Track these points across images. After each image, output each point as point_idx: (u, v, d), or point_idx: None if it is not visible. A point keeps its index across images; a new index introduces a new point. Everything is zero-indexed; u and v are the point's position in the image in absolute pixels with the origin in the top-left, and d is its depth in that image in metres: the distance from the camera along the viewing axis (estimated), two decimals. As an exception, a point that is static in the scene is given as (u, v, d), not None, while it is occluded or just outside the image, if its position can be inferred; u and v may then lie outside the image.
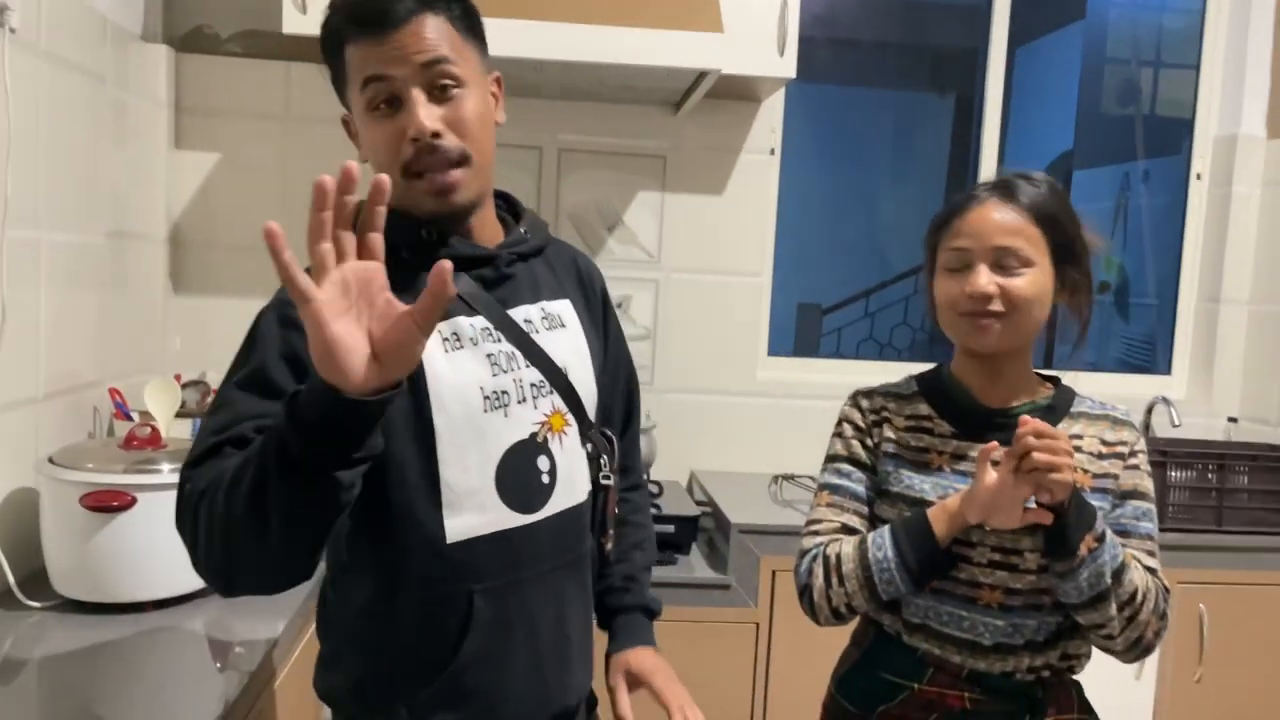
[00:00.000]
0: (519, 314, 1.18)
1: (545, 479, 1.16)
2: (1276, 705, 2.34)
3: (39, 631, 1.53)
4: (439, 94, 1.09)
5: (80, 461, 1.62)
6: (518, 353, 1.15)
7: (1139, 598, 1.20)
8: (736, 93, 2.50)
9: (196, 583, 1.67)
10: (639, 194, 2.59)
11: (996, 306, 1.24)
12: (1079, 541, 1.16)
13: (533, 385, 1.16)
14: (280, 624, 1.62)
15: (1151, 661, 2.31)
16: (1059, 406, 1.33)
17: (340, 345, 0.82)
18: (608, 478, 1.25)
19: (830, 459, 1.40)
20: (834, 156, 3.25)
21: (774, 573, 2.11)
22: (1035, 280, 1.25)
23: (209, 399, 2.28)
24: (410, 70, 1.07)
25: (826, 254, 2.91)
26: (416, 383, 1.08)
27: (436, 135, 1.08)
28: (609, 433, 1.28)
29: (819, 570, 1.29)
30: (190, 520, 0.98)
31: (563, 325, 1.23)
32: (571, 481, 1.20)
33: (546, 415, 1.17)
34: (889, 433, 1.36)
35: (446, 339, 1.12)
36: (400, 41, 1.07)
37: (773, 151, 2.69)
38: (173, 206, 2.45)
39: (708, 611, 2.10)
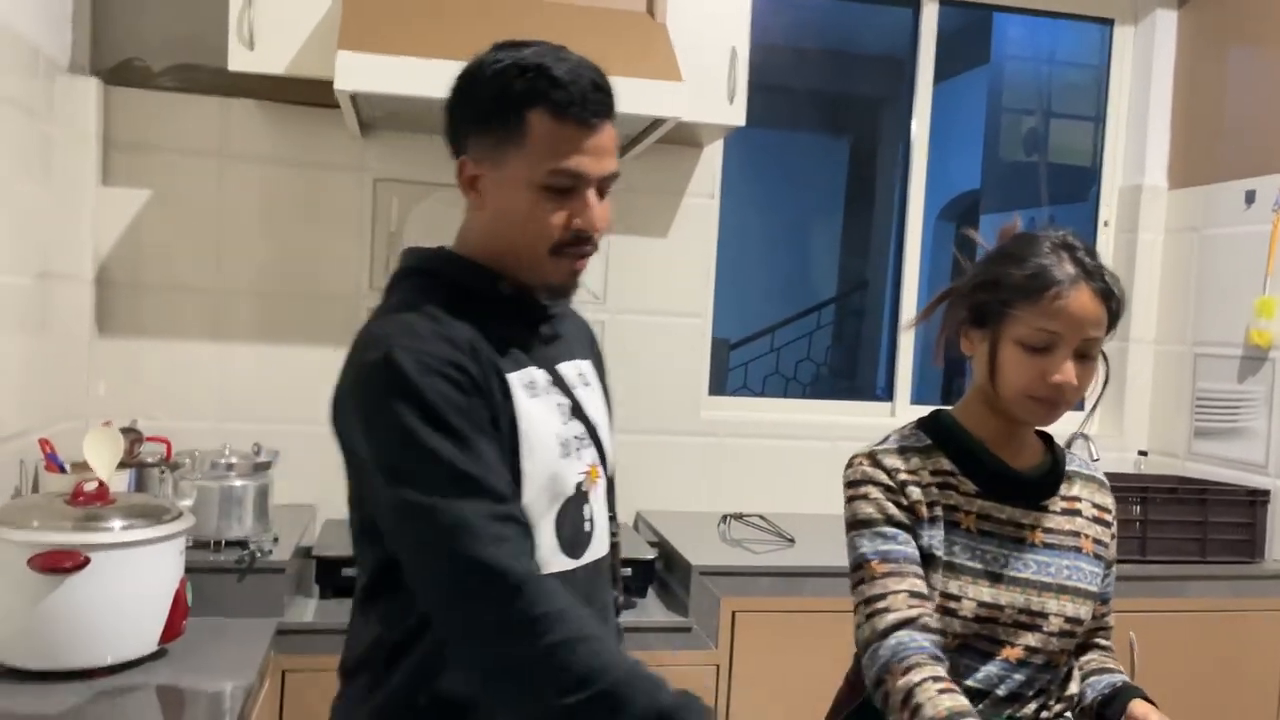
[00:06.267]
0: (563, 369, 1.23)
1: (587, 526, 1.21)
2: (1201, 725, 2.45)
3: (-18, 705, 1.42)
4: (599, 195, 1.16)
5: (24, 519, 1.52)
6: (570, 405, 1.21)
7: None
8: (682, 139, 2.54)
9: (149, 646, 1.59)
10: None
11: (1070, 394, 1.24)
12: None
13: (576, 437, 1.21)
14: (238, 687, 1.55)
15: (1086, 689, 2.40)
16: (1060, 467, 1.36)
17: None
18: (615, 534, 1.31)
19: (862, 524, 1.28)
20: (744, 198, 3.32)
21: (734, 614, 2.12)
22: (1098, 363, 1.26)
23: (140, 447, 2.17)
24: (598, 174, 1.14)
25: (732, 289, 2.96)
26: (511, 427, 1.12)
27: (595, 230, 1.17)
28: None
29: (900, 692, 1.17)
30: (487, 608, 1.02)
31: (588, 384, 1.28)
32: (602, 531, 1.25)
33: (589, 466, 1.22)
34: (921, 493, 1.28)
35: (527, 386, 1.16)
36: (595, 143, 1.13)
37: (713, 196, 2.74)
38: (100, 245, 2.34)
39: (666, 655, 2.09)
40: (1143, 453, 3.04)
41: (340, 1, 2.08)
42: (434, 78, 1.97)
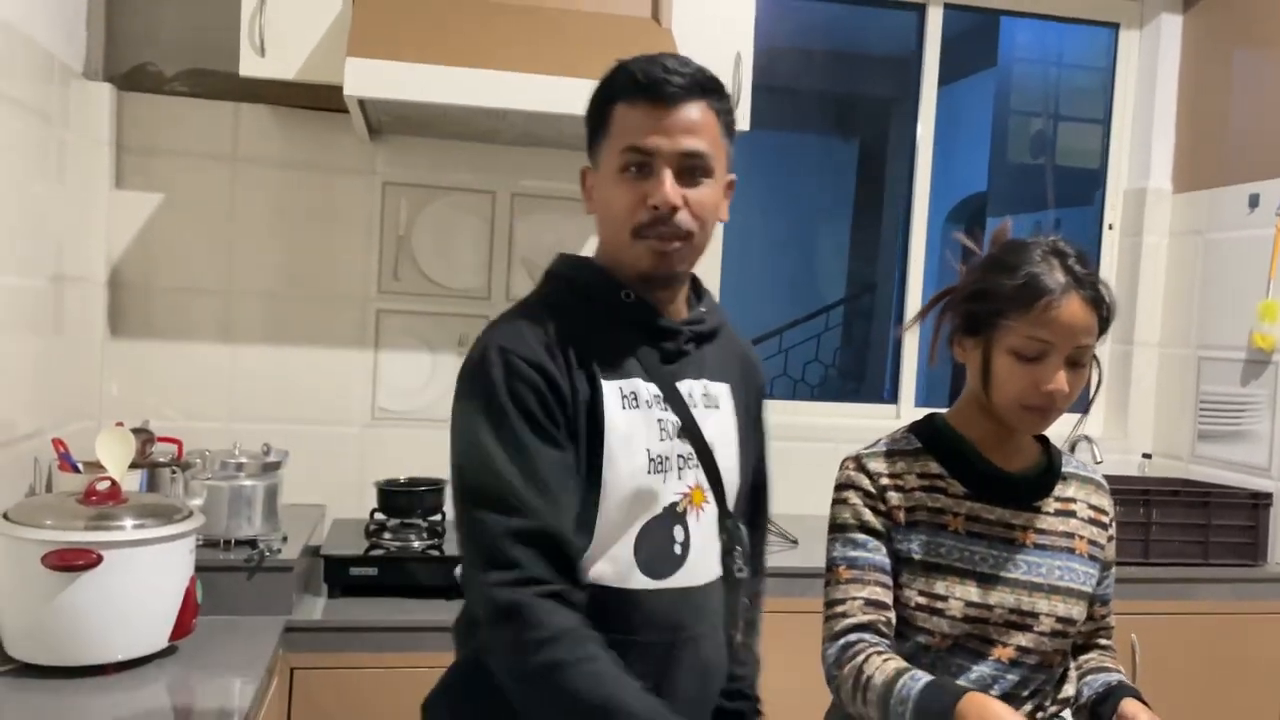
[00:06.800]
0: (683, 387, 1.22)
1: (678, 549, 1.19)
2: (1203, 728, 2.46)
3: (-4, 699, 1.45)
4: (687, 177, 1.16)
5: (38, 518, 1.55)
6: (679, 423, 1.20)
7: None
8: (687, 142, 2.56)
9: (159, 643, 1.62)
10: (591, 239, 2.61)
11: (1062, 402, 1.25)
12: None
13: (680, 456, 1.20)
14: (247, 684, 1.57)
15: (1088, 690, 2.41)
16: (1055, 468, 1.38)
17: None
18: (740, 570, 1.27)
19: (838, 529, 1.33)
20: (751, 200, 3.35)
21: (737, 615, 2.14)
22: (1089, 369, 1.28)
23: (151, 447, 2.20)
24: (671, 153, 1.14)
25: (739, 291, 2.97)
26: (596, 434, 1.14)
27: (674, 209, 1.15)
28: (744, 526, 1.30)
29: (849, 677, 1.23)
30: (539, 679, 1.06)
31: (717, 407, 1.26)
32: (701, 559, 1.22)
33: (690, 488, 1.21)
34: (901, 498, 1.32)
35: (625, 396, 1.17)
36: (671, 120, 1.14)
37: (719, 198, 2.76)
38: (112, 248, 2.37)
39: (670, 655, 2.11)
40: (1147, 455, 3.05)
41: (350, 8, 2.11)
42: (441, 84, 2.03)
